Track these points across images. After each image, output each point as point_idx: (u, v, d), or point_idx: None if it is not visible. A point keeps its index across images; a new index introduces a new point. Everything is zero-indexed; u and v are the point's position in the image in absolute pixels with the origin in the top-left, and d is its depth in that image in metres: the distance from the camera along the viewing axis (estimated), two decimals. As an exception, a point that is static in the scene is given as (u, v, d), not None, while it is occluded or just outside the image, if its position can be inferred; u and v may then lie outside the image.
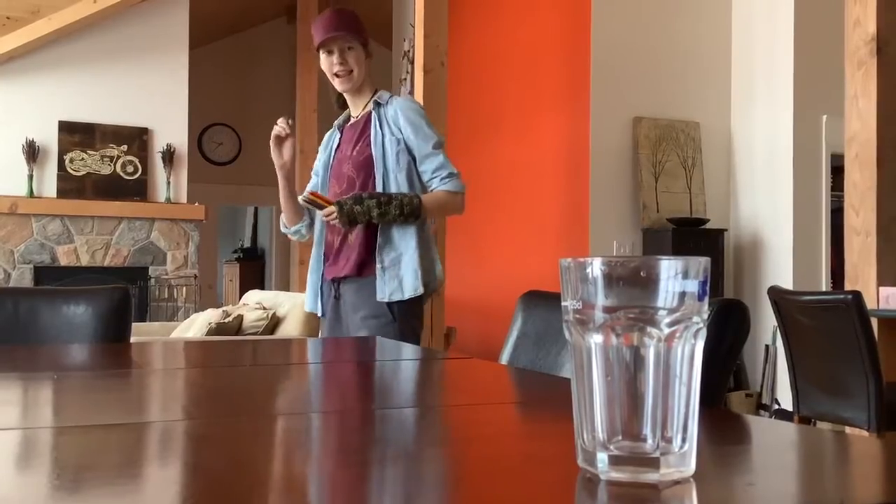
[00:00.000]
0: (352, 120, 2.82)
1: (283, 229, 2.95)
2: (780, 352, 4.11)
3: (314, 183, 2.88)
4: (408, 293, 2.61)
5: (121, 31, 7.10)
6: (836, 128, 4.64)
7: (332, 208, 2.58)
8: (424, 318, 2.78)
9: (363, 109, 2.78)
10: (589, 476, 0.59)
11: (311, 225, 2.88)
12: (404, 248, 2.64)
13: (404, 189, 2.65)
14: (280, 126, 2.72)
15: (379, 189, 2.66)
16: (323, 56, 2.73)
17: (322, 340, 2.50)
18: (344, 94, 2.80)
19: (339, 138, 2.83)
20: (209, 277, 8.89)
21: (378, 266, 2.61)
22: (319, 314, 2.85)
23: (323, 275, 2.80)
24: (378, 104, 2.74)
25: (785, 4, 5.31)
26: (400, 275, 2.61)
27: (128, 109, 7.12)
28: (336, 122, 2.89)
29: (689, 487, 0.58)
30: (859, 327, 3.01)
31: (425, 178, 2.69)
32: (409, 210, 2.59)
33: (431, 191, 2.68)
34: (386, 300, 2.60)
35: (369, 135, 2.70)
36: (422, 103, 4.62)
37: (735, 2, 5.71)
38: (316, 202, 2.62)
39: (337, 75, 2.72)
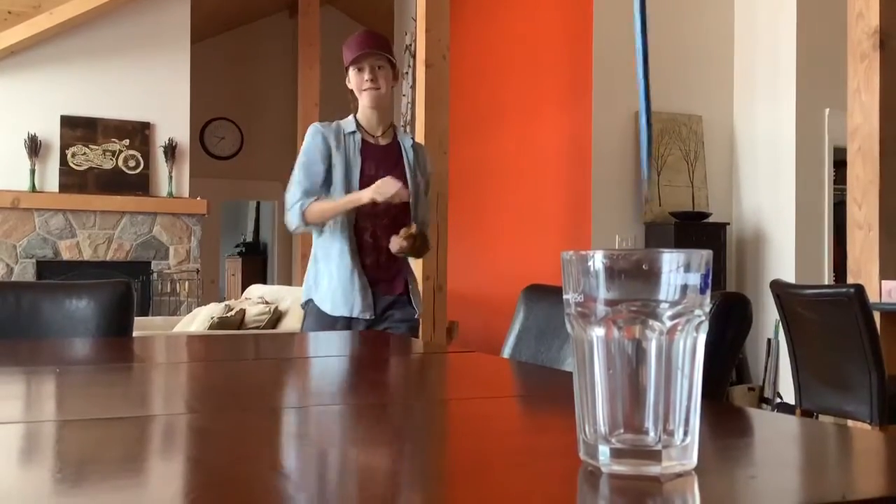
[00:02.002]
0: (372, 139, 2.81)
1: (301, 221, 2.75)
2: (783, 345, 4.11)
3: (317, 172, 2.77)
4: (420, 309, 2.90)
5: (122, 25, 7.09)
6: (839, 121, 4.62)
7: (410, 241, 2.73)
8: (427, 313, 2.96)
9: (386, 134, 2.84)
10: (591, 469, 0.59)
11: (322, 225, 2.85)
12: (409, 271, 2.91)
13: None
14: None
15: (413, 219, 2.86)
16: (353, 72, 2.79)
17: (324, 335, 2.50)
18: (367, 111, 2.80)
19: (362, 149, 2.78)
20: (211, 272, 8.88)
21: (410, 286, 2.86)
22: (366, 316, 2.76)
23: (368, 282, 2.77)
24: (414, 143, 2.91)
25: (788, -3, 5.29)
26: (418, 292, 2.92)
27: (130, 104, 7.11)
28: (351, 129, 2.80)
29: (690, 480, 0.58)
30: (862, 321, 3.01)
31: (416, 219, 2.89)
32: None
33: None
34: (416, 315, 2.88)
35: (404, 166, 2.82)
36: (424, 97, 4.64)
37: (737, -5, 5.70)
38: (410, 234, 2.74)
39: (366, 89, 2.76)
